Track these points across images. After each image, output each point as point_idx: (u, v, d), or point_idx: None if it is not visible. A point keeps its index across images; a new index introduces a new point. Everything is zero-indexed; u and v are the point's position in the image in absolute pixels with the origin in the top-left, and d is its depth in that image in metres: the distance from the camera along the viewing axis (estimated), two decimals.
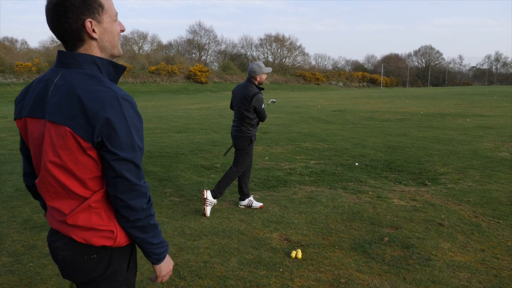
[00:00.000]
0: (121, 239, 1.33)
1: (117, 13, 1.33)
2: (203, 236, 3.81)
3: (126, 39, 58.67)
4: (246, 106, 4.38)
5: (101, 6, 1.27)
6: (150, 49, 60.11)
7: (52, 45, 52.55)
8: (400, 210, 4.48)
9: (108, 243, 1.31)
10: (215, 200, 4.44)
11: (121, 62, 43.09)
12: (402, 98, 28.79)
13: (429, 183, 5.62)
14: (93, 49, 1.29)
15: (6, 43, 49.47)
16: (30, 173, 1.51)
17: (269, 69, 4.46)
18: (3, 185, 5.67)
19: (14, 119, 1.39)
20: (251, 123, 4.48)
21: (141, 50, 58.17)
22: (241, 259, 3.30)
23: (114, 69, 1.35)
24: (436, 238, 3.66)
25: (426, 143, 8.92)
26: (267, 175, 6.21)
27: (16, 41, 51.54)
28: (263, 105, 4.40)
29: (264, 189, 5.46)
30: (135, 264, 1.47)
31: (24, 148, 1.47)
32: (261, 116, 4.48)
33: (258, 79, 4.44)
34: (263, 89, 4.49)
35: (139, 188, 1.27)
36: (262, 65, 4.46)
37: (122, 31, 1.37)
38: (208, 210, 4.38)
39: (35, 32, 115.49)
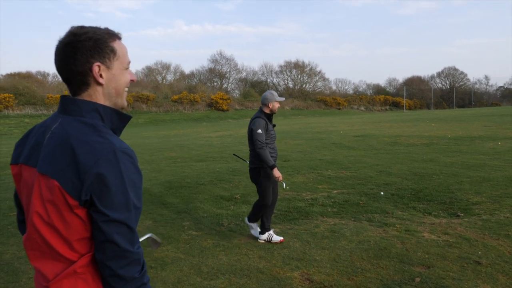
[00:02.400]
0: None
1: (129, 62, 1.27)
2: (220, 275, 3.62)
3: (150, 70, 60.60)
4: (250, 134, 4.40)
5: (113, 51, 1.22)
6: (173, 78, 61.74)
7: None
8: (432, 245, 4.16)
9: None
10: (269, 231, 4.52)
11: (145, 92, 44.38)
12: (427, 121, 28.13)
13: (462, 214, 5.27)
14: (97, 95, 1.22)
15: (38, 76, 51.93)
16: (23, 221, 1.42)
17: (282, 98, 4.45)
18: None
19: (10, 164, 1.31)
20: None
21: (164, 80, 59.82)
22: None
23: (118, 118, 1.25)
24: (473, 279, 3.34)
25: (455, 169, 8.51)
26: (287, 206, 6.00)
27: (48, 74, 53.93)
28: (259, 130, 4.24)
29: (285, 221, 5.25)
30: None
31: (17, 195, 1.38)
32: (254, 141, 4.25)
33: (270, 107, 4.45)
34: (270, 116, 4.49)
35: (130, 255, 1.12)
36: (275, 93, 4.48)
37: (132, 81, 1.30)
38: (275, 237, 4.47)
39: None
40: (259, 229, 4.61)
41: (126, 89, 1.29)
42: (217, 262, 3.91)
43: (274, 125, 4.56)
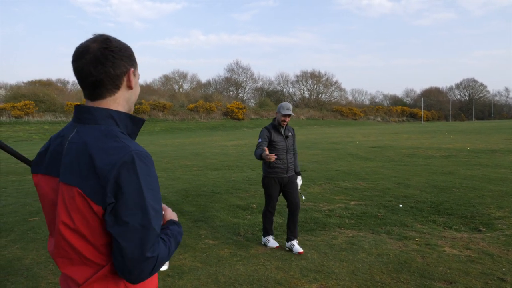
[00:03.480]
0: None
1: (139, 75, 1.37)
2: (238, 285, 3.60)
3: (167, 79, 61.47)
4: None
5: (136, 62, 1.32)
6: (189, 87, 62.48)
7: None
8: (453, 260, 4.06)
9: None
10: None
11: (162, 100, 44.94)
12: (445, 133, 27.68)
13: (484, 229, 5.13)
14: (120, 100, 1.26)
15: (58, 84, 53.28)
16: None
17: (285, 111, 4.49)
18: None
19: (31, 173, 1.34)
20: (266, 162, 4.53)
21: (181, 89, 60.56)
22: None
23: (132, 122, 1.28)
24: None
25: (476, 182, 8.32)
26: (304, 217, 5.95)
27: (68, 82, 55.27)
28: (259, 139, 4.51)
29: (302, 232, 5.20)
30: None
31: None
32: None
33: (276, 117, 4.64)
34: (280, 126, 4.60)
35: (144, 261, 1.11)
36: (283, 105, 4.58)
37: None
38: (271, 243, 4.66)
39: None
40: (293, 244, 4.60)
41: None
42: (234, 272, 3.89)
43: (286, 136, 4.64)
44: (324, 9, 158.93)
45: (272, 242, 4.68)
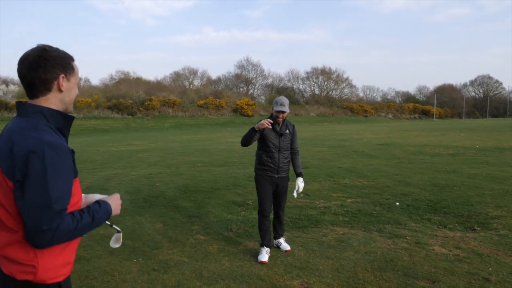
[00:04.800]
0: (44, 276, 1.39)
1: (79, 79, 1.52)
2: (220, 280, 3.63)
3: (177, 75, 61.78)
4: None
5: (72, 68, 1.54)
6: (200, 84, 62.70)
7: (111, 82, 56.57)
8: (440, 259, 4.02)
9: (29, 277, 1.38)
10: (279, 239, 4.51)
11: (172, 96, 45.17)
12: (456, 131, 27.26)
13: (478, 228, 5.06)
14: (53, 100, 1.49)
15: None
16: None
17: (278, 107, 4.24)
18: None
19: None
20: (257, 157, 4.38)
21: (191, 85, 60.81)
22: None
23: (62, 118, 1.51)
24: None
25: (478, 181, 8.19)
26: (299, 213, 5.95)
27: (80, 79, 56.06)
28: (250, 129, 4.21)
29: (294, 229, 5.21)
30: None
31: None
32: None
33: (272, 113, 4.39)
34: (277, 122, 4.30)
35: (40, 232, 1.34)
36: (278, 100, 4.31)
37: (77, 95, 1.63)
38: (284, 245, 4.44)
39: (98, 70, 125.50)
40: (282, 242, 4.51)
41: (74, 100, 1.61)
42: (219, 267, 3.92)
43: (281, 134, 4.32)
44: (337, 5, 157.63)
45: (261, 255, 4.12)
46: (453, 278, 3.55)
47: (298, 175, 4.51)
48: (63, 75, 1.49)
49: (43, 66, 1.44)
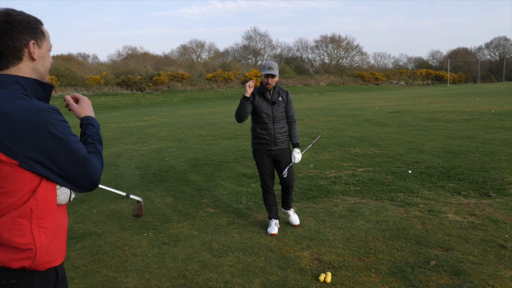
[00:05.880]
0: (42, 260, 1.31)
1: (52, 46, 1.44)
2: (230, 252, 3.61)
3: (184, 49, 61.03)
4: None
5: (42, 33, 1.39)
6: (207, 57, 61.92)
7: (119, 59, 56.25)
8: (454, 227, 3.93)
9: (26, 263, 1.28)
10: (286, 211, 4.33)
11: (180, 70, 44.82)
12: (471, 96, 26.57)
13: (494, 195, 4.93)
14: (26, 69, 1.35)
15: (79, 58, 53.90)
16: None
17: (266, 71, 3.89)
18: None
19: None
20: (252, 131, 4.15)
21: (199, 59, 60.13)
22: (264, 280, 3.06)
23: (41, 88, 1.38)
24: (495, 264, 3.12)
25: (494, 146, 7.98)
26: (309, 184, 5.89)
27: (88, 56, 55.85)
28: (241, 99, 3.92)
29: (304, 200, 5.15)
30: None
31: None
32: None
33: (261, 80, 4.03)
34: (266, 89, 3.96)
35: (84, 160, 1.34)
36: (265, 65, 3.94)
37: (51, 63, 1.48)
38: (292, 218, 4.28)
39: (105, 47, 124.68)
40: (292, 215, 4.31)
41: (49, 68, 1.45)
42: (228, 240, 3.91)
43: (273, 102, 3.97)
44: None
45: (270, 228, 4.07)
46: (468, 246, 3.47)
47: (295, 145, 4.15)
48: (33, 42, 1.34)
49: (10, 33, 1.29)
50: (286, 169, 4.07)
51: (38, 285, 1.31)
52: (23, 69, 1.34)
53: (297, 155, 4.11)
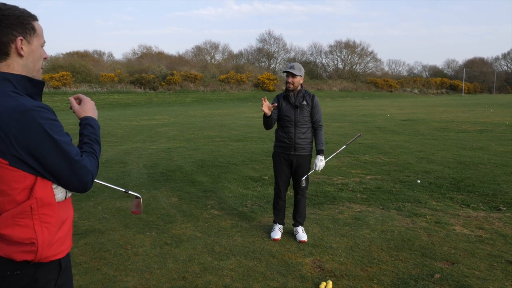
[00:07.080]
0: (45, 254, 1.31)
1: (45, 42, 1.41)
2: (232, 256, 3.59)
3: (199, 49, 61.41)
4: None
5: (33, 29, 1.35)
6: (221, 58, 62.19)
7: (134, 57, 56.86)
8: (461, 240, 3.85)
9: (29, 257, 1.28)
10: (296, 228, 4.05)
11: (194, 71, 45.06)
12: (485, 106, 26.16)
13: (504, 208, 4.82)
14: (15, 65, 1.32)
15: (95, 55, 54.63)
16: None
17: (286, 69, 3.86)
18: None
19: None
20: (275, 133, 4.10)
21: (213, 60, 60.42)
22: (264, 286, 3.03)
23: (31, 84, 1.36)
24: (501, 280, 3.03)
25: (506, 159, 7.82)
26: (315, 190, 5.84)
27: (103, 53, 56.58)
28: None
29: (309, 206, 5.11)
30: (68, 285, 1.44)
31: None
32: None
33: None
34: (288, 91, 3.89)
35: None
36: (287, 64, 3.97)
37: (45, 58, 1.44)
38: (300, 235, 3.96)
39: (121, 45, 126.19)
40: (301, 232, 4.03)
41: (42, 64, 1.42)
42: (231, 243, 3.89)
43: (296, 106, 3.84)
44: None
45: (274, 232, 4.00)
46: (474, 260, 3.39)
47: (318, 152, 3.92)
48: (21, 38, 1.31)
49: None
50: (304, 178, 3.90)
51: (41, 276, 1.33)
52: (12, 65, 1.32)
53: (319, 163, 3.89)
